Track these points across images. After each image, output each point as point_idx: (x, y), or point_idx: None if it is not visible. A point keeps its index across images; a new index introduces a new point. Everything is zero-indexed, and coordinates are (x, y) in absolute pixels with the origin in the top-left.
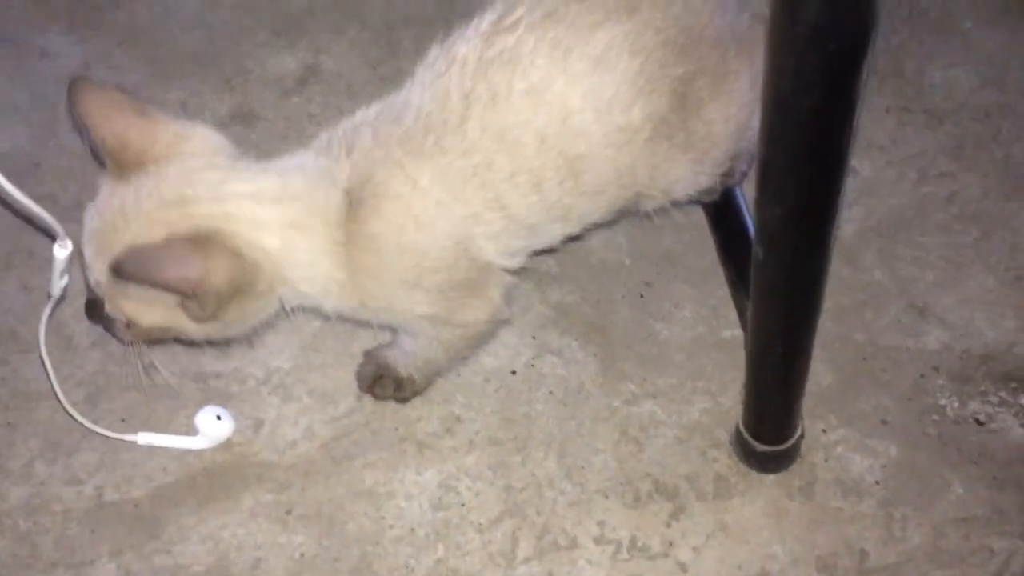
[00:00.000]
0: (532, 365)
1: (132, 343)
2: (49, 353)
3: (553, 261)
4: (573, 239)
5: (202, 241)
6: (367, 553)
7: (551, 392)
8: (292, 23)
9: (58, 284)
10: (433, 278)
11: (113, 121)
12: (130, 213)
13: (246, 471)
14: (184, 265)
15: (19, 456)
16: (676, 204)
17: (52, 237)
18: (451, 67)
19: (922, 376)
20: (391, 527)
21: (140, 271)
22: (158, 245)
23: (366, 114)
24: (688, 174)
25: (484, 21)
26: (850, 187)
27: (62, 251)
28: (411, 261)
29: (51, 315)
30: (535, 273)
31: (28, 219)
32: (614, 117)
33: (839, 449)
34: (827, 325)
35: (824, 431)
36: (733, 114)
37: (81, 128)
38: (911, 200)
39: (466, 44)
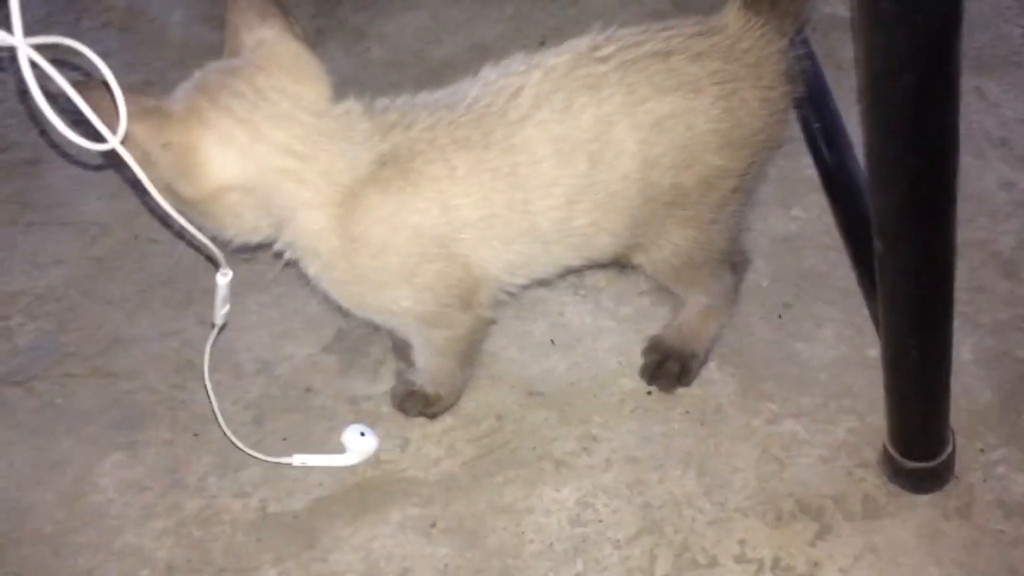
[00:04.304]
0: None
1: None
2: (219, 380)
3: None
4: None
5: (154, 109)
6: (508, 566)
7: (687, 412)
8: (435, 75)
9: (220, 312)
10: (428, 270)
11: (240, 12)
12: (190, 80)
13: (394, 487)
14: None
15: (194, 472)
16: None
17: (216, 265)
18: (534, 70)
19: None
20: (531, 542)
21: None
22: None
23: (427, 97)
24: (686, 246)
25: (581, 43)
26: (1006, 200)
27: (223, 279)
28: (418, 247)
29: (215, 343)
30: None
31: (192, 246)
32: (652, 174)
33: (1000, 469)
34: (985, 341)
35: (983, 451)
36: (734, 217)
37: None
38: None
39: (557, 56)
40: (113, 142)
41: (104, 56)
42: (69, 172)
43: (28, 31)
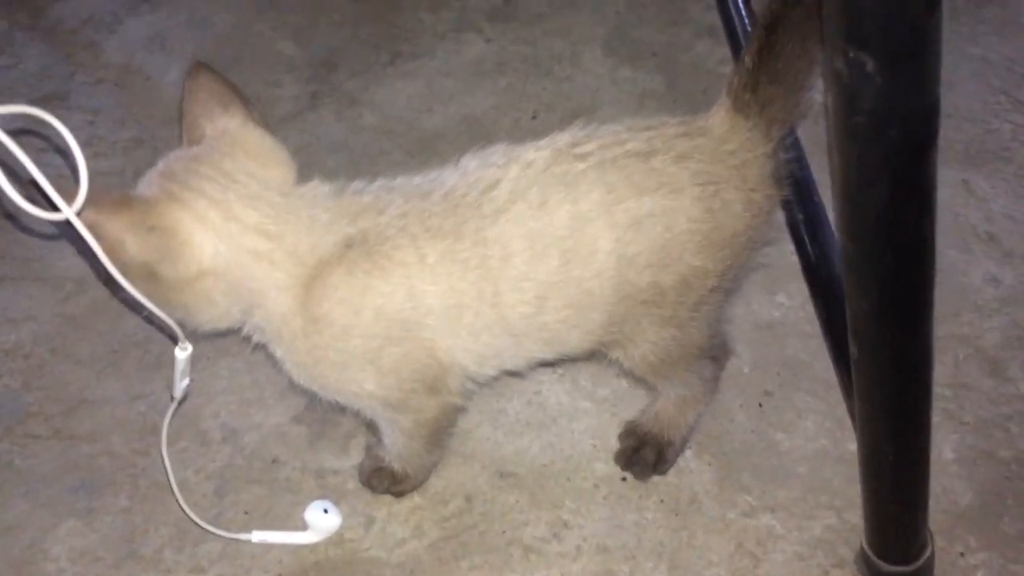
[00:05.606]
0: None
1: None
2: (184, 448)
3: None
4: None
5: (126, 202)
6: None
7: (662, 501)
8: (425, 144)
9: (179, 386)
10: (393, 353)
11: (199, 103)
12: (153, 170)
13: (356, 567)
14: (95, 207)
15: (151, 543)
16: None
17: (174, 340)
18: (512, 164)
19: None
20: None
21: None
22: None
23: (405, 182)
24: (663, 344)
25: (561, 139)
26: (992, 295)
27: (182, 353)
28: (381, 329)
29: (181, 408)
30: None
31: (149, 321)
32: (628, 273)
33: (980, 574)
34: (968, 440)
35: (963, 554)
36: (713, 313)
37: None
38: None
39: (536, 151)
40: (67, 212)
41: (96, 112)
42: (48, 228)
43: (24, 84)
